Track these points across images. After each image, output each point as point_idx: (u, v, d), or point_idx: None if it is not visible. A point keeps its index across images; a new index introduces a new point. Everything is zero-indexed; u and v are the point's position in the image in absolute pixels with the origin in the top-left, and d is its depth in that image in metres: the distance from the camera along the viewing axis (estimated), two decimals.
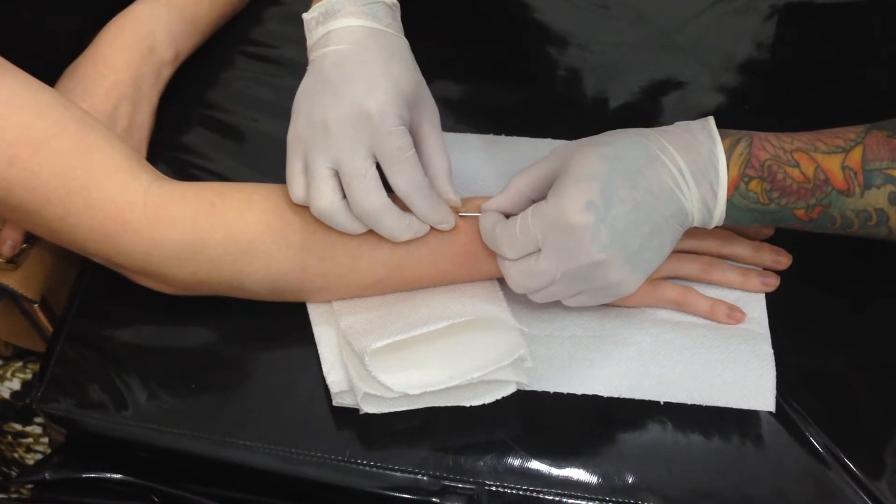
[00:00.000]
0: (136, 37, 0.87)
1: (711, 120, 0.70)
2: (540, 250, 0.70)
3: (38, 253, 0.86)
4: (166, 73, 0.90)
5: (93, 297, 0.82)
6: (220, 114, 0.94)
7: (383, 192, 0.71)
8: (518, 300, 0.78)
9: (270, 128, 0.93)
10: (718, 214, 0.69)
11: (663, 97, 0.95)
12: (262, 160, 0.90)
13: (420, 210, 0.73)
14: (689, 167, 0.68)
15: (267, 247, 0.73)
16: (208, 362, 0.77)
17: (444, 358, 0.73)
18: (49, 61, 0.85)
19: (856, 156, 0.67)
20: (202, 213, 0.73)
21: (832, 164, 0.67)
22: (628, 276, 0.69)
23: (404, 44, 0.75)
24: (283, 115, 0.92)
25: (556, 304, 0.78)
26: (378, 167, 0.71)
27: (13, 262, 0.84)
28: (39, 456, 0.97)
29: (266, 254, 0.73)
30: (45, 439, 0.97)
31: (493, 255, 0.75)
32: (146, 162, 0.77)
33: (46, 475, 0.77)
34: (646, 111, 0.93)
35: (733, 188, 0.68)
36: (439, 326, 0.71)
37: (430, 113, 0.75)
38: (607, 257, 0.67)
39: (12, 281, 0.84)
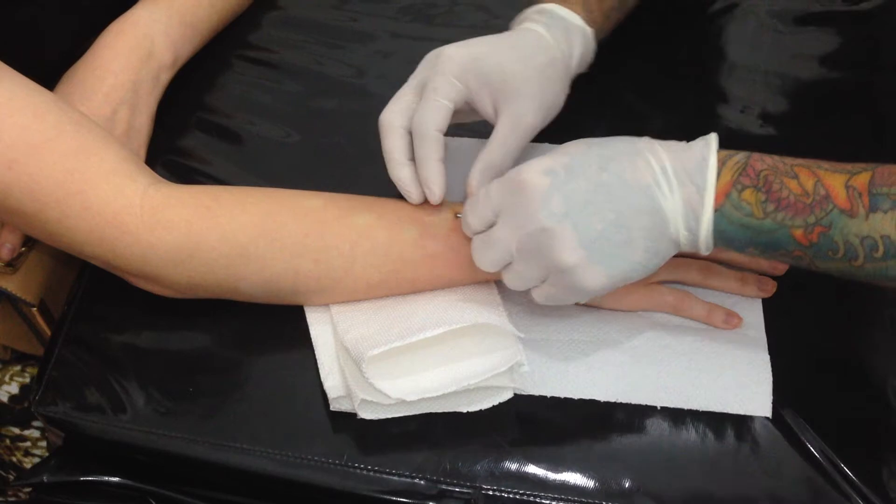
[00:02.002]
0: (135, 41, 0.87)
1: (714, 135, 0.68)
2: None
3: (37, 256, 0.86)
4: (165, 77, 0.90)
5: (91, 300, 0.82)
6: (219, 118, 0.94)
7: (396, 116, 0.77)
8: (516, 305, 0.78)
9: (268, 132, 0.93)
10: (706, 225, 0.65)
11: (660, 99, 0.95)
12: (260, 164, 0.90)
13: (416, 155, 0.75)
14: (674, 167, 0.66)
15: (261, 250, 0.73)
16: (206, 366, 0.78)
17: (441, 364, 0.73)
18: (48, 65, 0.85)
19: (862, 178, 0.62)
20: (197, 216, 0.73)
21: (835, 181, 0.63)
22: (586, 265, 0.66)
23: (552, 57, 0.77)
24: (281, 119, 0.94)
25: (553, 309, 0.78)
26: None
27: (11, 265, 0.84)
28: (37, 459, 0.97)
29: (260, 257, 0.73)
30: (43, 443, 0.97)
31: None
32: (144, 165, 0.77)
33: (44, 478, 0.77)
34: (641, 115, 0.93)
35: (724, 195, 0.65)
36: (436, 333, 0.71)
37: (515, 116, 0.75)
38: (557, 228, 0.66)
39: (11, 284, 0.84)
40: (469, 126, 0.83)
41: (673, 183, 0.65)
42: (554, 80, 0.77)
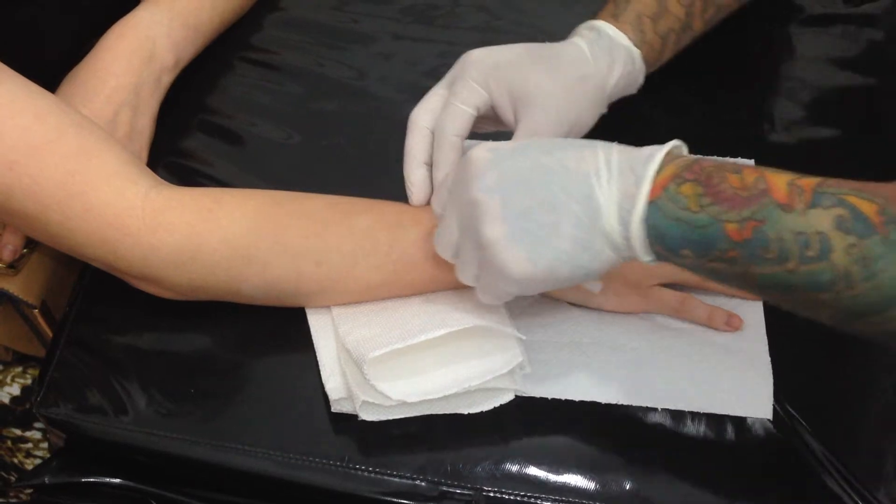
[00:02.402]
0: (137, 43, 0.87)
1: (678, 141, 0.64)
2: None
3: (39, 258, 0.86)
4: (167, 79, 0.90)
5: (92, 301, 0.82)
6: (221, 119, 0.94)
7: (423, 115, 0.78)
8: (517, 307, 0.78)
9: (270, 133, 0.93)
10: (638, 217, 0.61)
11: (660, 100, 0.95)
12: (261, 165, 0.90)
13: (433, 158, 0.77)
14: (620, 160, 0.62)
15: (262, 252, 0.73)
16: (207, 367, 0.78)
17: (443, 366, 0.73)
18: (48, 66, 0.85)
19: (810, 179, 0.57)
20: (199, 218, 0.73)
21: (778, 180, 0.58)
22: (506, 242, 0.64)
23: (585, 73, 0.76)
24: (282, 120, 0.94)
25: (554, 310, 0.78)
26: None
27: (13, 267, 0.84)
28: (39, 461, 0.97)
29: (261, 259, 0.73)
30: (45, 444, 0.97)
31: None
32: (145, 167, 0.77)
33: (46, 479, 0.77)
34: (643, 116, 0.93)
35: (661, 188, 0.60)
36: (437, 335, 0.71)
37: (531, 128, 0.74)
38: (486, 199, 0.64)
39: (12, 286, 0.84)
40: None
41: (613, 173, 0.62)
42: (581, 98, 0.76)
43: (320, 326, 0.77)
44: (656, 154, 0.61)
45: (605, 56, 0.77)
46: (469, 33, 1.01)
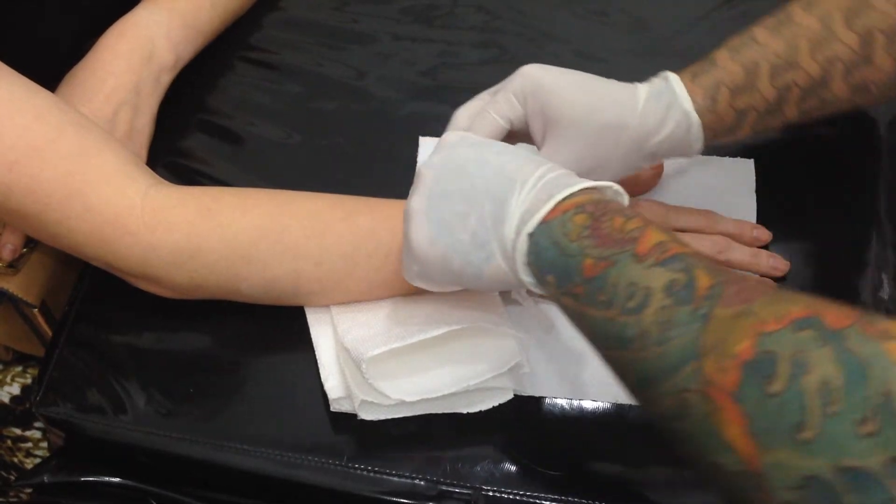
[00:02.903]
0: (136, 42, 0.87)
1: (619, 187, 0.63)
2: None
3: (38, 257, 0.86)
4: (166, 78, 0.90)
5: (92, 301, 0.82)
6: (220, 119, 0.94)
7: (463, 116, 0.75)
8: (516, 306, 0.78)
9: (269, 133, 0.93)
10: (527, 230, 0.60)
11: None
12: (261, 165, 0.90)
13: None
14: (549, 180, 0.62)
15: (262, 252, 0.73)
16: (207, 367, 0.78)
17: (442, 365, 0.73)
18: (49, 67, 0.85)
19: (686, 249, 0.55)
20: (198, 217, 0.73)
21: (653, 235, 0.56)
22: (420, 214, 0.65)
23: (624, 121, 0.72)
24: (282, 120, 0.94)
25: (554, 310, 0.78)
26: None
27: (13, 266, 0.84)
28: (39, 460, 0.97)
29: (261, 259, 0.73)
30: (45, 444, 0.97)
31: None
32: (145, 166, 0.78)
33: (45, 478, 0.77)
34: None
35: (561, 212, 0.59)
36: (437, 334, 0.71)
37: (547, 156, 0.72)
38: (423, 174, 0.66)
39: (12, 285, 0.84)
40: None
41: (536, 188, 0.62)
42: (611, 144, 0.72)
43: (319, 325, 0.77)
44: (577, 184, 0.61)
45: (659, 112, 0.73)
46: (468, 33, 1.01)
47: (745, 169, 0.87)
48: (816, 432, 0.42)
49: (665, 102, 0.73)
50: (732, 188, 0.86)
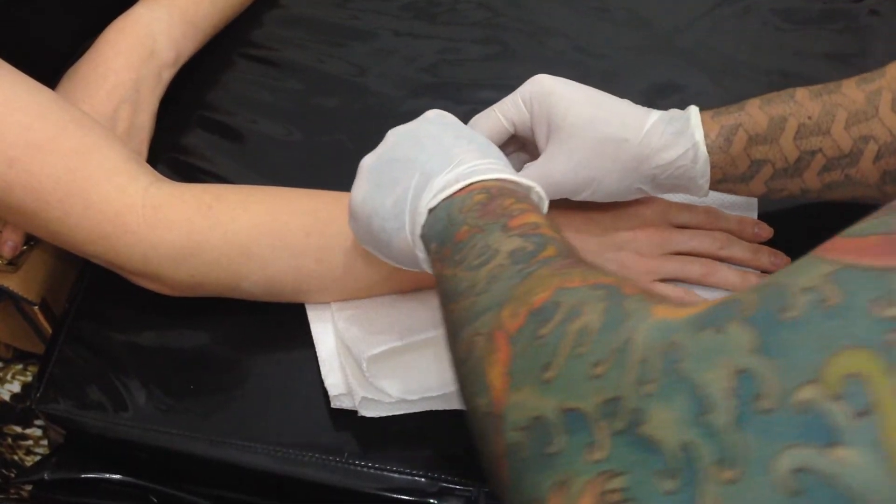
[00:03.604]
0: (137, 39, 0.87)
1: (541, 192, 0.62)
2: None
3: (39, 255, 0.86)
4: (167, 75, 0.90)
5: (92, 298, 0.82)
6: (221, 116, 0.94)
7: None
8: None
9: (270, 130, 0.93)
10: (426, 208, 0.60)
11: (662, 100, 0.95)
12: (262, 162, 0.90)
13: None
14: (479, 165, 0.61)
15: (262, 249, 0.73)
16: (207, 363, 0.78)
17: (442, 363, 0.73)
18: (48, 64, 0.85)
19: (550, 232, 0.55)
20: (199, 215, 0.73)
21: (534, 218, 0.56)
22: (364, 173, 0.66)
23: (624, 138, 0.72)
24: (282, 116, 0.94)
25: None
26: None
27: (13, 263, 0.84)
28: (39, 458, 0.97)
29: (261, 256, 0.73)
30: (45, 441, 0.97)
31: None
32: (145, 164, 0.77)
33: (45, 475, 0.77)
34: None
35: (467, 191, 0.59)
36: (438, 332, 0.71)
37: (545, 162, 0.72)
38: (386, 137, 0.68)
39: (12, 283, 0.84)
40: None
41: (460, 170, 0.61)
42: (608, 160, 0.71)
43: (320, 322, 0.77)
44: (497, 173, 0.60)
45: (666, 135, 0.71)
46: (470, 30, 1.01)
47: None
48: (557, 373, 0.42)
49: (675, 128, 0.72)
50: None
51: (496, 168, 0.61)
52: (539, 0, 1.04)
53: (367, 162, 0.67)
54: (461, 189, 0.60)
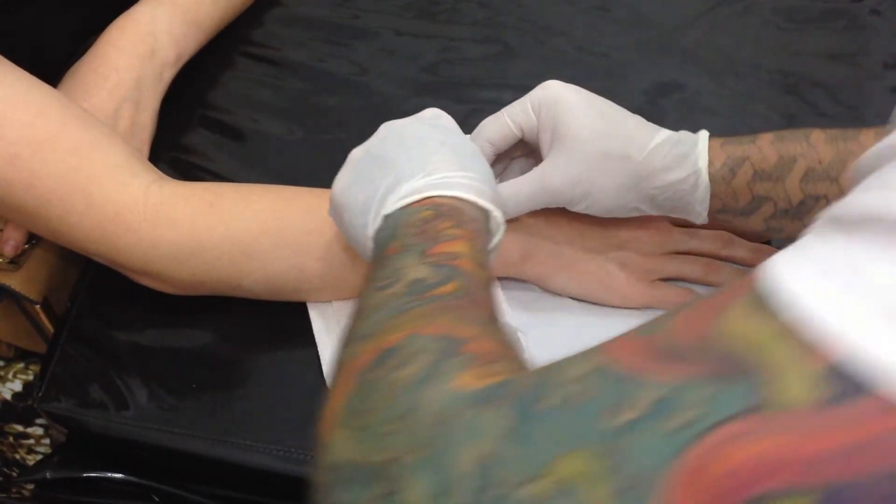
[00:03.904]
0: (138, 38, 0.87)
1: (500, 219, 0.62)
2: None
3: (40, 253, 0.86)
4: (168, 74, 0.90)
5: (94, 297, 0.82)
6: (222, 114, 0.94)
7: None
8: (519, 302, 0.78)
9: (271, 128, 0.93)
10: (382, 214, 0.60)
11: (664, 99, 0.95)
12: (263, 160, 0.90)
13: None
14: (453, 178, 0.61)
15: (264, 247, 0.73)
16: (209, 362, 0.78)
17: None
18: (51, 62, 0.85)
19: (477, 257, 0.56)
20: (200, 213, 0.73)
21: (460, 247, 0.55)
22: (351, 162, 0.66)
23: (626, 153, 0.71)
24: (283, 115, 0.94)
25: (557, 306, 0.78)
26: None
27: (15, 262, 0.84)
28: (41, 457, 0.97)
29: (263, 254, 0.73)
30: (47, 440, 0.97)
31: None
32: (147, 162, 0.78)
33: (47, 474, 0.77)
34: (646, 113, 0.93)
35: (421, 205, 0.59)
36: None
37: (546, 168, 0.72)
38: (378, 130, 0.68)
39: (14, 282, 0.84)
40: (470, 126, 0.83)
41: (428, 180, 0.61)
42: (608, 172, 0.71)
43: (321, 321, 0.77)
44: (456, 190, 0.60)
45: (670, 157, 0.71)
46: (471, 29, 1.01)
47: None
48: (367, 422, 0.43)
49: (680, 151, 0.71)
50: None
51: (462, 184, 0.61)
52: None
53: (354, 153, 0.67)
54: (418, 201, 0.60)
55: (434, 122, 0.68)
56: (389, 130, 0.67)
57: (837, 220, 0.37)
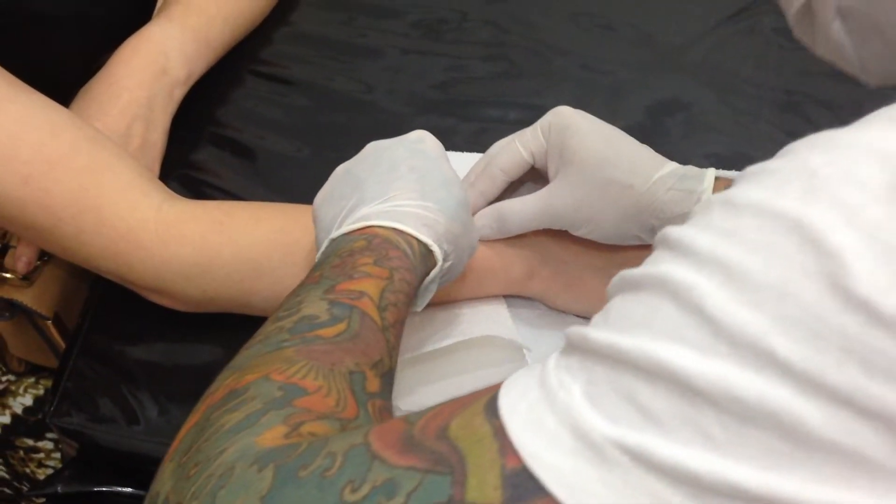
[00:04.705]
0: (150, 57, 0.88)
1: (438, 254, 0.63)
2: None
3: (52, 270, 0.87)
4: (179, 92, 0.90)
5: (106, 313, 0.83)
6: (231, 132, 0.95)
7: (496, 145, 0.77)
8: (523, 318, 0.78)
9: (279, 146, 0.94)
10: (330, 237, 0.63)
11: (668, 117, 0.96)
12: (271, 177, 0.91)
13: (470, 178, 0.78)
14: (407, 209, 0.63)
15: (273, 265, 0.74)
16: None
17: (449, 376, 0.73)
18: (64, 82, 0.86)
19: (381, 288, 0.58)
20: (211, 231, 0.74)
21: (368, 286, 0.57)
22: (333, 178, 0.69)
23: (629, 184, 0.72)
24: (291, 133, 0.94)
25: (562, 323, 0.79)
26: None
27: (27, 278, 0.85)
28: (51, 471, 0.98)
29: (273, 272, 0.74)
30: (57, 454, 0.97)
31: (496, 273, 0.76)
32: (158, 181, 0.78)
33: (58, 488, 0.78)
34: (650, 131, 0.94)
35: (361, 233, 0.62)
36: (444, 345, 0.72)
37: (550, 191, 0.74)
38: (364, 149, 0.70)
39: (26, 298, 0.85)
40: (474, 143, 0.83)
41: (382, 206, 0.63)
42: (610, 199, 0.72)
43: None
44: (401, 224, 0.62)
45: (673, 192, 0.71)
46: (477, 48, 1.02)
47: None
48: (185, 461, 0.47)
49: (685, 186, 0.71)
50: None
51: (410, 214, 0.62)
52: (545, 18, 1.05)
53: (338, 169, 0.69)
54: (360, 228, 0.62)
55: (416, 145, 0.69)
56: (372, 149, 0.69)
57: (567, 338, 0.42)
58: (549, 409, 0.39)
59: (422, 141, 0.70)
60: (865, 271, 0.34)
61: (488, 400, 0.42)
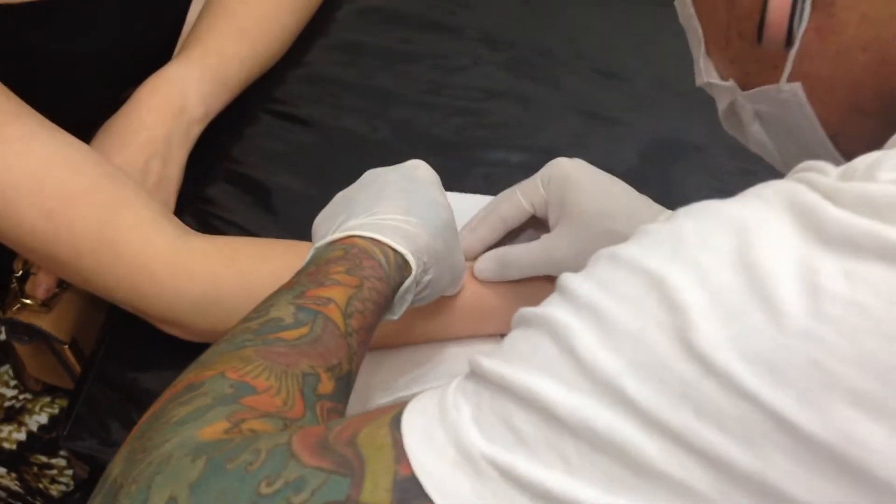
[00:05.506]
0: (169, 97, 0.90)
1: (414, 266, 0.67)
2: None
3: (70, 297, 0.88)
4: (196, 130, 0.92)
5: (120, 341, 0.85)
6: (244, 168, 0.96)
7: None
8: None
9: (291, 182, 0.95)
10: (315, 246, 0.67)
11: (671, 158, 0.97)
12: (283, 213, 0.93)
13: (472, 224, 0.81)
14: (388, 223, 0.67)
15: None
16: None
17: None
18: (85, 119, 0.89)
19: (349, 295, 0.61)
20: (221, 266, 0.76)
21: (337, 294, 0.61)
22: (334, 198, 0.73)
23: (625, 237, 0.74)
24: (302, 170, 0.96)
25: None
26: None
27: (46, 305, 0.87)
28: (63, 487, 0.99)
29: None
30: (70, 471, 0.99)
31: (497, 311, 0.78)
32: (173, 216, 0.81)
33: None
34: (651, 172, 0.95)
35: (338, 244, 0.65)
36: (442, 384, 0.74)
37: (551, 241, 0.76)
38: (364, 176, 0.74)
39: (45, 323, 0.87)
40: (479, 186, 0.85)
41: (371, 217, 0.67)
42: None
43: None
44: (381, 236, 0.66)
45: None
46: (485, 91, 1.03)
47: None
48: (138, 446, 0.49)
49: None
50: None
51: (390, 226, 0.66)
52: (559, 64, 1.06)
53: (338, 195, 0.73)
54: (341, 238, 0.66)
55: (409, 171, 0.72)
56: (369, 175, 0.73)
57: (469, 364, 0.46)
58: (440, 426, 0.43)
59: (416, 168, 0.73)
60: (706, 328, 0.38)
61: (395, 414, 0.45)
